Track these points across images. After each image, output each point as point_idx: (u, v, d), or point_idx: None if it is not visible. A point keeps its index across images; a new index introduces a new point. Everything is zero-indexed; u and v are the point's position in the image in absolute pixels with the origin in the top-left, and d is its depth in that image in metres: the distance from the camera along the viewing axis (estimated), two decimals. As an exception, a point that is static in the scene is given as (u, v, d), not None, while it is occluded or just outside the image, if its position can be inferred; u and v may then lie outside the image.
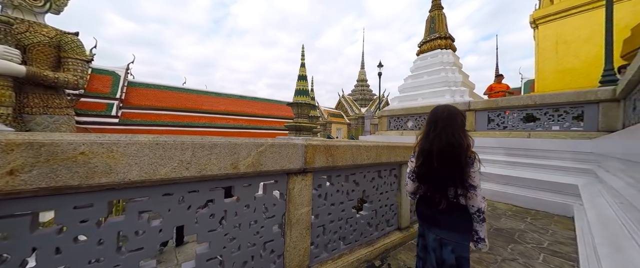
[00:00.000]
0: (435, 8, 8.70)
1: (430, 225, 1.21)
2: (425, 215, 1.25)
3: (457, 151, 1.11)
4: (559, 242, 2.79)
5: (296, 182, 1.56)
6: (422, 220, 1.28)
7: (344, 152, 1.81)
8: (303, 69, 8.19)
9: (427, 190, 1.21)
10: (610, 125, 3.84)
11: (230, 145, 1.21)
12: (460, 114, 1.19)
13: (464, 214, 1.14)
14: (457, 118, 1.17)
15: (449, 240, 1.13)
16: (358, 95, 28.56)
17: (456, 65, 8.11)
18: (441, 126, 1.16)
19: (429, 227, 1.22)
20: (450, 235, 1.14)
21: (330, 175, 1.86)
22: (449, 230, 1.15)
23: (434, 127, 1.19)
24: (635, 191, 1.52)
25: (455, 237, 1.13)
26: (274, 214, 1.49)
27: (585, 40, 9.83)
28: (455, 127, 1.14)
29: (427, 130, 1.23)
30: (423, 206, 1.27)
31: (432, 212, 1.20)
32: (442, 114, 1.19)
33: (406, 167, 2.61)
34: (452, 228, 1.14)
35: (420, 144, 1.25)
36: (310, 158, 1.58)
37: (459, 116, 1.17)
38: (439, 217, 1.17)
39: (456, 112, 1.19)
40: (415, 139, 1.31)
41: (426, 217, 1.24)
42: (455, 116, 1.17)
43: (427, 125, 1.24)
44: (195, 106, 16.49)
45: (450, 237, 1.14)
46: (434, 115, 1.22)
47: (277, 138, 1.57)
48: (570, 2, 10.33)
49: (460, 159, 1.10)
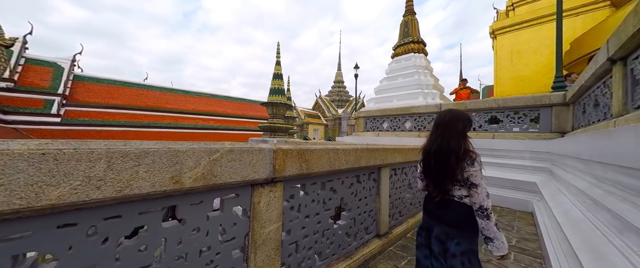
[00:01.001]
0: (409, 13, 9.02)
1: (438, 221, 1.29)
2: (431, 211, 1.34)
3: (446, 154, 1.21)
4: (525, 239, 2.93)
5: (263, 195, 1.30)
6: (429, 215, 1.36)
7: (320, 156, 1.59)
8: (278, 67, 7.85)
9: (428, 185, 1.35)
10: (561, 127, 4.22)
11: (170, 153, 0.91)
12: (464, 119, 1.25)
13: (468, 212, 1.21)
14: (458, 123, 1.24)
15: (455, 234, 1.21)
16: (335, 96, 28.81)
17: (428, 68, 8.48)
18: (441, 129, 1.26)
19: (438, 222, 1.29)
20: (456, 231, 1.21)
21: (305, 184, 1.63)
22: (452, 225, 1.23)
23: (436, 129, 1.30)
24: (602, 192, 1.55)
25: (461, 232, 1.20)
26: (234, 236, 1.21)
27: (534, 51, 11.03)
28: (453, 132, 1.23)
29: (431, 132, 1.35)
30: (431, 203, 1.35)
31: (438, 208, 1.30)
32: (444, 118, 1.28)
33: (386, 171, 2.49)
34: (457, 224, 1.22)
35: (425, 144, 1.37)
36: (280, 165, 1.33)
37: (460, 121, 1.24)
38: (443, 212, 1.26)
39: (458, 117, 1.26)
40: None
41: (432, 212, 1.33)
42: (456, 121, 1.25)
43: (433, 127, 1.35)
44: (158, 105, 14.99)
45: (456, 232, 1.21)
46: (438, 119, 1.32)
47: (250, 140, 1.32)
48: (522, 17, 11.52)
49: (450, 161, 1.20)
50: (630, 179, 1.16)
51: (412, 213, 3.19)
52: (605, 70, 2.22)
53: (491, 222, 1.15)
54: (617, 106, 1.93)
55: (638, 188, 1.11)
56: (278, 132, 7.28)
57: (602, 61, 2.14)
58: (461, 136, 1.22)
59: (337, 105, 26.82)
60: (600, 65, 2.22)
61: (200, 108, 17.45)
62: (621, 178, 1.27)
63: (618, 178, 1.31)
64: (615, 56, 1.91)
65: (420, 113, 6.57)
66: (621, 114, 1.88)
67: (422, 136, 6.45)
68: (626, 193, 1.27)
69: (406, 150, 2.82)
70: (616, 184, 1.39)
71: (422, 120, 6.58)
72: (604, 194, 1.49)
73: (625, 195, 1.26)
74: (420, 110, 6.55)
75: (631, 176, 1.12)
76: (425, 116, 6.53)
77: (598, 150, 1.49)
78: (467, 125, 1.26)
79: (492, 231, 1.14)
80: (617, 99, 1.94)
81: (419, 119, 6.65)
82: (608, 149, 1.32)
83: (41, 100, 10.06)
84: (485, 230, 1.16)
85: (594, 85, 2.69)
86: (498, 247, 1.14)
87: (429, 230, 1.34)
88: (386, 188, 2.49)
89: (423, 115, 6.56)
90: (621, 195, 1.32)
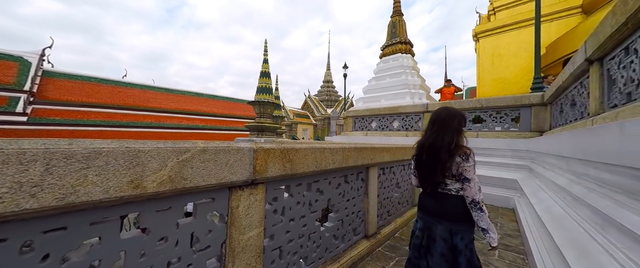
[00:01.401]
0: (396, 14, 9.13)
1: (439, 218, 1.30)
2: (431, 209, 1.35)
3: (438, 148, 1.26)
4: (508, 235, 3.00)
5: (242, 198, 1.19)
6: (428, 214, 1.36)
7: (305, 156, 1.50)
8: (266, 65, 7.67)
9: (418, 178, 1.40)
10: (540, 126, 4.40)
11: (129, 154, 0.79)
12: (459, 116, 1.31)
13: (463, 205, 1.26)
14: (453, 120, 1.30)
15: (458, 230, 1.25)
16: (324, 96, 28.79)
17: (415, 69, 8.62)
18: (438, 126, 1.31)
19: (439, 219, 1.30)
20: (458, 225, 1.25)
21: (289, 185, 1.54)
22: (453, 220, 1.26)
23: (432, 125, 1.34)
24: (583, 189, 1.58)
25: (463, 227, 1.25)
26: (209, 244, 1.10)
27: (514, 54, 11.54)
28: (448, 128, 1.28)
29: (427, 128, 1.38)
30: (429, 201, 1.37)
31: (437, 206, 1.32)
32: (440, 115, 1.33)
33: (374, 170, 2.45)
34: (458, 218, 1.26)
35: (420, 139, 1.40)
36: (261, 165, 1.24)
37: (456, 118, 1.30)
38: (442, 208, 1.30)
39: (453, 115, 1.31)
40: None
41: (433, 211, 1.34)
42: (452, 118, 1.30)
43: (428, 123, 1.39)
44: (138, 103, 14.25)
45: (458, 226, 1.25)
46: (435, 116, 1.36)
47: (237, 140, 1.21)
48: (502, 21, 12.03)
49: (441, 154, 1.25)
50: (612, 176, 1.17)
51: (400, 212, 3.18)
52: (582, 71, 2.30)
53: (485, 214, 1.21)
54: (594, 105, 2.00)
55: (621, 185, 1.12)
56: (266, 131, 7.10)
57: (580, 62, 2.21)
58: (455, 132, 1.28)
59: (327, 105, 26.82)
60: (578, 66, 2.29)
61: (185, 107, 16.81)
62: (603, 175, 1.29)
63: (600, 176, 1.33)
64: (593, 57, 1.97)
65: (408, 113, 6.65)
66: (598, 112, 1.94)
67: (410, 135, 6.53)
68: (607, 190, 1.29)
69: (394, 150, 2.79)
70: (597, 181, 1.41)
71: (410, 120, 6.66)
72: (585, 191, 1.52)
73: (607, 192, 1.28)
74: (407, 110, 6.63)
75: (614, 173, 1.13)
76: (412, 116, 6.62)
77: (580, 148, 1.51)
78: (462, 122, 1.32)
79: (487, 222, 1.21)
80: (594, 98, 2.00)
81: (407, 119, 6.73)
82: (591, 147, 1.33)
83: (4, 97, 9.23)
84: (481, 222, 1.21)
85: (571, 85, 2.80)
86: (493, 238, 1.21)
87: (430, 231, 1.33)
88: (374, 188, 2.45)
89: (410, 115, 6.65)
90: (602, 192, 1.34)
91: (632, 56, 1.51)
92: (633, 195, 1.01)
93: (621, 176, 1.07)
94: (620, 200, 1.13)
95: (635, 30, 1.44)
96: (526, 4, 11.70)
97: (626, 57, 1.58)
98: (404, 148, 3.11)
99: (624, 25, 1.47)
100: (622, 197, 1.13)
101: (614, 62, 1.75)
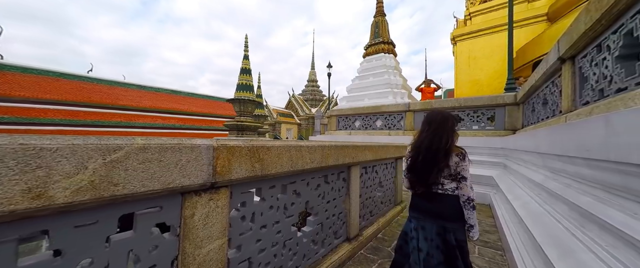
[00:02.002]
0: (379, 14, 9.22)
1: (434, 217, 1.33)
2: (424, 209, 1.37)
3: (436, 149, 1.28)
4: (486, 231, 3.05)
5: (198, 205, 1.01)
6: (422, 213, 1.38)
7: (279, 155, 1.34)
8: (246, 61, 7.35)
9: (411, 179, 1.40)
10: (513, 125, 4.60)
11: (24, 152, 0.58)
12: (452, 118, 1.37)
13: (458, 204, 1.30)
14: (448, 121, 1.34)
15: (451, 227, 1.29)
16: (308, 95, 28.61)
17: (397, 69, 8.75)
18: (434, 127, 1.33)
19: (434, 219, 1.33)
20: (452, 223, 1.30)
21: (261, 188, 1.37)
22: (447, 218, 1.30)
23: (428, 127, 1.36)
24: (561, 185, 1.58)
25: (456, 225, 1.30)
26: (155, 263, 0.90)
27: (487, 57, 12.20)
28: (444, 129, 1.31)
29: (421, 129, 1.41)
30: (422, 201, 1.39)
31: (431, 204, 1.34)
32: (436, 117, 1.36)
33: (356, 169, 2.35)
34: (453, 217, 1.30)
35: (415, 141, 1.41)
36: (224, 166, 1.06)
37: (449, 120, 1.35)
38: (435, 207, 1.33)
39: (448, 117, 1.36)
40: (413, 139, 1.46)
41: (426, 211, 1.36)
42: (446, 120, 1.34)
43: (422, 125, 1.42)
44: (106, 100, 13.09)
45: (452, 224, 1.29)
46: (429, 118, 1.40)
47: (214, 140, 1.03)
48: (478, 26, 12.68)
49: (438, 155, 1.28)
50: (593, 172, 1.15)
51: (383, 212, 3.12)
52: (554, 70, 2.37)
53: (475, 212, 1.29)
54: (567, 103, 2.05)
55: (602, 181, 1.10)
56: (246, 131, 6.79)
57: (553, 60, 2.27)
58: (450, 133, 1.32)
59: (311, 105, 26.67)
60: (550, 65, 2.35)
61: (160, 105, 15.77)
62: (583, 171, 1.27)
63: (579, 171, 1.32)
64: (566, 55, 2.02)
65: (390, 112, 6.71)
66: (570, 110, 1.98)
67: (392, 134, 6.58)
68: (586, 186, 1.28)
69: (377, 148, 2.71)
70: (576, 177, 1.41)
71: (392, 119, 6.72)
72: (563, 187, 1.52)
73: (586, 188, 1.27)
74: (390, 109, 6.68)
75: (595, 168, 1.11)
76: (394, 115, 6.68)
77: (558, 144, 1.51)
78: (455, 123, 1.38)
79: (475, 220, 1.30)
80: (567, 96, 2.05)
81: (389, 118, 6.79)
82: (570, 142, 1.32)
83: (-63, 91, 7.98)
84: (471, 219, 1.29)
85: (543, 85, 2.90)
86: (476, 232, 1.32)
87: (424, 230, 1.35)
88: (356, 187, 2.34)
89: (393, 114, 6.71)
90: (581, 188, 1.33)
91: (604, 53, 1.53)
92: (616, 191, 0.99)
93: (603, 171, 1.04)
94: (601, 197, 1.11)
95: (608, 27, 1.46)
96: (498, 11, 12.43)
97: (598, 55, 1.61)
98: (387, 146, 3.05)
99: (598, 22, 1.49)
100: (602, 193, 1.12)
101: (586, 60, 1.79)
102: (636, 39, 1.26)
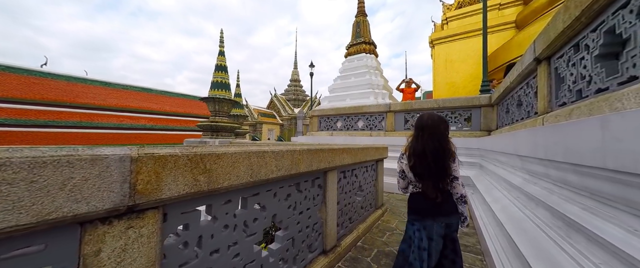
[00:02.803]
0: (360, 14, 9.20)
1: (435, 215, 1.39)
2: (426, 208, 1.42)
3: (441, 152, 1.34)
4: (465, 233, 3.01)
5: (108, 238, 0.74)
6: (422, 214, 1.43)
7: (233, 163, 1.11)
8: (222, 57, 6.90)
9: (426, 187, 1.40)
10: (488, 126, 4.73)
11: None
12: (443, 121, 1.41)
13: (453, 201, 1.41)
14: (441, 125, 1.38)
15: (453, 222, 1.40)
16: (291, 95, 28.17)
17: (378, 69, 8.77)
18: (429, 132, 1.37)
19: (434, 217, 1.39)
20: (453, 219, 1.40)
21: (211, 204, 1.12)
22: (448, 215, 1.39)
23: (422, 132, 1.39)
24: (542, 190, 1.51)
25: (456, 219, 1.41)
26: (29, 329, 0.63)
27: (462, 61, 12.76)
28: (440, 133, 1.37)
29: (415, 134, 1.44)
30: (422, 201, 1.44)
31: (432, 204, 1.40)
32: (428, 122, 1.39)
33: (333, 174, 2.16)
34: (453, 213, 1.40)
35: (412, 146, 1.42)
36: (148, 182, 0.80)
37: (442, 123, 1.39)
38: (440, 206, 1.39)
39: (439, 120, 1.40)
40: (406, 141, 1.50)
41: (427, 210, 1.41)
42: (439, 124, 1.38)
43: (415, 130, 1.45)
44: (63, 98, 11.74)
45: (453, 220, 1.40)
46: (420, 122, 1.42)
47: (186, 142, 0.76)
48: (454, 30, 13.23)
49: (446, 159, 1.35)
50: (582, 179, 1.06)
51: (363, 217, 2.97)
52: (530, 71, 2.36)
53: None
54: (543, 104, 2.02)
55: (592, 189, 1.00)
56: (221, 131, 6.36)
57: (529, 61, 2.26)
58: (446, 137, 1.38)
59: (294, 105, 26.27)
60: (526, 66, 2.35)
61: (128, 104, 14.54)
62: (569, 177, 1.19)
63: (564, 177, 1.24)
64: (542, 56, 1.99)
65: (372, 112, 6.66)
66: (547, 111, 1.96)
67: (374, 135, 6.54)
68: (572, 193, 1.20)
69: (356, 150, 2.55)
70: (560, 183, 1.34)
71: (374, 120, 6.68)
72: (546, 193, 1.45)
73: (572, 196, 1.19)
74: (371, 110, 6.63)
75: (585, 175, 1.02)
76: (376, 115, 6.64)
77: (541, 147, 1.44)
78: (448, 127, 1.43)
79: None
80: (543, 97, 2.03)
81: (371, 118, 6.74)
82: (556, 146, 1.23)
83: None
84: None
85: (517, 86, 2.93)
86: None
87: (427, 231, 1.39)
88: (334, 194, 2.15)
89: (374, 115, 6.67)
90: (566, 195, 1.25)
91: (583, 53, 1.49)
92: (611, 202, 0.90)
93: (596, 179, 0.95)
94: (589, 206, 1.03)
95: (588, 25, 1.40)
96: (472, 17, 13.07)
97: (576, 54, 1.57)
98: (367, 148, 2.91)
99: (577, 20, 1.43)
100: (591, 202, 1.03)
101: (562, 61, 1.76)
102: (618, 37, 1.20)
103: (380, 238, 2.79)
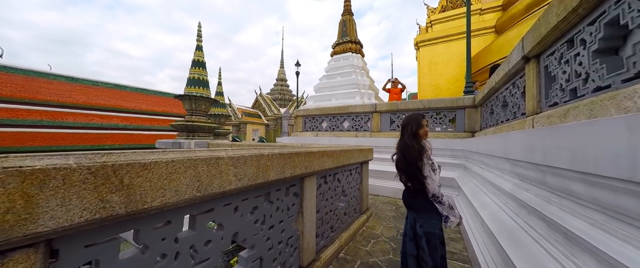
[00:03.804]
0: (347, 13, 9.07)
1: (409, 208, 1.66)
2: (406, 201, 1.67)
3: (407, 150, 1.56)
4: (451, 239, 2.90)
5: None
6: (405, 205, 1.69)
7: (168, 175, 0.84)
8: (200, 53, 6.45)
9: (401, 178, 1.67)
10: (472, 127, 4.72)
11: None
12: (414, 121, 1.60)
13: (427, 199, 1.51)
14: (410, 123, 1.60)
15: (419, 218, 1.55)
16: (277, 94, 27.62)
17: (364, 69, 8.68)
18: (402, 130, 1.64)
19: (410, 210, 1.64)
20: (419, 215, 1.56)
21: (139, 229, 0.85)
22: (418, 211, 1.57)
23: (402, 130, 1.65)
24: (538, 198, 1.37)
25: (423, 216, 1.53)
26: None
27: (446, 63, 13.07)
28: (406, 132, 1.60)
29: (401, 133, 1.67)
30: (406, 194, 1.68)
31: (409, 198, 1.63)
32: (404, 121, 1.65)
33: (312, 181, 1.93)
34: (420, 210, 1.56)
35: (397, 144, 1.67)
36: (6, 211, 0.53)
37: (411, 123, 1.60)
38: (412, 201, 1.60)
39: (409, 119, 1.63)
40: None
41: (407, 202, 1.66)
42: (408, 122, 1.62)
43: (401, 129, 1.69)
44: (20, 95, 10.58)
45: (420, 216, 1.56)
46: (402, 121, 1.68)
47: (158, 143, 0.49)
48: (436, 34, 13.53)
49: (413, 156, 1.52)
50: (594, 190, 0.91)
51: (346, 224, 2.77)
52: (517, 70, 2.28)
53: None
54: (532, 104, 1.93)
55: (610, 205, 0.85)
56: (198, 132, 5.92)
57: (516, 60, 2.17)
58: (413, 135, 1.55)
59: (280, 104, 25.76)
60: (513, 65, 2.26)
61: (98, 102, 13.45)
62: (574, 188, 1.05)
63: (568, 187, 1.10)
64: (531, 53, 1.89)
65: (358, 113, 6.52)
66: (537, 111, 1.86)
67: (360, 136, 6.40)
68: (574, 205, 1.06)
69: (338, 153, 2.34)
70: (560, 192, 1.20)
71: (359, 120, 6.54)
72: (541, 202, 1.32)
73: (575, 208, 1.05)
74: (357, 110, 6.49)
75: (600, 187, 0.87)
76: (361, 116, 6.51)
77: (540, 151, 1.30)
78: (415, 125, 1.58)
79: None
80: (531, 97, 1.93)
81: (356, 119, 6.60)
82: (561, 151, 1.09)
83: None
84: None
85: (503, 87, 2.87)
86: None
87: (408, 219, 1.64)
88: (312, 202, 1.93)
89: (360, 115, 6.53)
90: (567, 206, 1.11)
91: (578, 48, 1.37)
92: (627, 218, 0.75)
93: (616, 193, 0.80)
94: (599, 221, 0.88)
95: (585, 17, 1.29)
96: (455, 21, 13.44)
97: (570, 51, 1.45)
98: (350, 151, 2.71)
99: (574, 12, 1.31)
100: (601, 216, 0.89)
101: (553, 58, 1.66)
102: (621, 29, 1.07)
103: (364, 247, 2.60)
